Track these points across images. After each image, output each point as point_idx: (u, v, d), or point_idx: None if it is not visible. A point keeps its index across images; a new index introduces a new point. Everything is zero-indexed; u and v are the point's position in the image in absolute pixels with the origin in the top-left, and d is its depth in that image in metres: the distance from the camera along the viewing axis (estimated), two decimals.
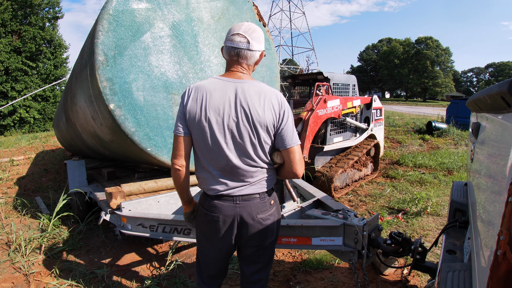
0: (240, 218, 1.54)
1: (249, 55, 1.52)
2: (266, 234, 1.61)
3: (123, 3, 2.68)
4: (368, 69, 68.90)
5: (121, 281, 2.80)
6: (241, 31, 1.49)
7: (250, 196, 1.54)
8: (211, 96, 1.47)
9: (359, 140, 6.02)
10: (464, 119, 11.50)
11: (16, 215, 4.43)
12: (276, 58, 3.93)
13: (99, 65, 2.59)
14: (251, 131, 1.48)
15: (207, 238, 1.62)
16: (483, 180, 1.18)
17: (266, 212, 1.59)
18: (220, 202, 1.54)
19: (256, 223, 1.56)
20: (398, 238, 2.14)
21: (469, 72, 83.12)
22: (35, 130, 17.96)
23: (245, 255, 1.67)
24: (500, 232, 0.64)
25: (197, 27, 3.13)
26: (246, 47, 1.50)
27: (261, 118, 1.47)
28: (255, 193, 1.55)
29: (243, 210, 1.54)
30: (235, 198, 1.53)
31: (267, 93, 1.51)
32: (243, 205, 1.53)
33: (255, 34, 1.52)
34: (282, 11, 41.90)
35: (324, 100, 4.97)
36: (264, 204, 1.58)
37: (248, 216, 1.54)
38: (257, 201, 1.56)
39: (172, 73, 2.96)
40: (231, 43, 1.50)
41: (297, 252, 3.30)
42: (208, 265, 1.70)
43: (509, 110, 0.91)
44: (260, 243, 1.61)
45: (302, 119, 4.79)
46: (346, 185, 5.48)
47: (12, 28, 17.13)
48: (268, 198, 1.60)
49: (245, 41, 1.49)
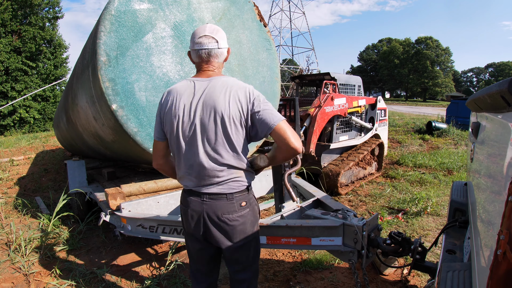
0: (206, 215, 1.56)
1: (219, 53, 1.58)
2: (234, 235, 1.59)
3: (125, 4, 2.69)
4: (368, 69, 68.89)
5: (121, 281, 2.80)
6: (207, 33, 1.55)
7: (217, 196, 1.55)
8: (180, 98, 1.53)
9: (364, 139, 6.15)
10: (464, 119, 11.51)
11: (16, 215, 4.44)
12: (277, 58, 3.93)
13: (101, 65, 2.59)
14: (217, 127, 1.48)
15: (185, 230, 1.70)
16: (483, 179, 1.18)
17: (234, 213, 1.57)
18: (190, 197, 1.60)
19: (222, 223, 1.56)
20: (398, 238, 2.15)
21: (469, 72, 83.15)
22: (35, 130, 17.96)
23: (224, 254, 1.70)
24: (500, 232, 0.64)
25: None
26: (216, 46, 1.56)
27: (226, 112, 1.46)
28: (221, 193, 1.55)
29: (209, 208, 1.55)
30: (202, 195, 1.56)
31: (233, 86, 1.51)
32: (209, 203, 1.55)
33: (220, 34, 1.59)
34: (282, 11, 41.90)
35: (332, 97, 5.10)
36: (231, 204, 1.56)
37: (214, 214, 1.55)
38: (223, 201, 1.55)
39: (174, 73, 2.97)
40: (200, 46, 1.55)
41: (297, 252, 3.30)
42: (192, 257, 1.76)
43: (509, 109, 0.91)
44: (229, 243, 1.60)
45: (310, 115, 4.92)
46: (351, 182, 5.65)
47: (12, 28, 17.12)
48: (238, 199, 1.58)
49: (214, 41, 1.56)
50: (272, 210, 4.36)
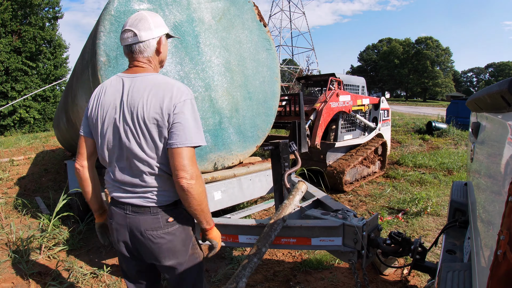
0: (130, 230, 1.41)
1: (142, 48, 1.38)
2: (161, 253, 1.42)
3: (124, 4, 2.69)
4: (368, 69, 68.88)
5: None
6: (127, 26, 1.38)
7: (139, 208, 1.38)
8: (104, 94, 1.40)
9: (368, 138, 6.29)
10: (464, 119, 11.51)
11: (16, 215, 4.44)
12: (277, 58, 3.94)
13: (101, 65, 2.59)
14: (136, 130, 1.31)
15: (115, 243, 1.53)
16: (483, 180, 1.18)
17: (159, 230, 1.38)
18: (114, 208, 1.45)
19: (146, 240, 1.39)
20: (398, 238, 2.14)
21: (469, 72, 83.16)
22: (35, 130, 17.96)
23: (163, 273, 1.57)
24: (500, 232, 0.64)
25: (198, 27, 3.14)
26: (135, 40, 1.36)
27: (145, 114, 1.29)
28: (144, 206, 1.38)
29: (132, 222, 1.40)
30: (126, 207, 1.41)
31: (160, 85, 1.33)
32: (132, 217, 1.39)
33: (143, 23, 1.37)
34: (282, 11, 41.90)
35: (337, 94, 5.30)
36: (156, 220, 1.38)
37: (137, 230, 1.39)
38: (147, 216, 1.38)
39: (173, 73, 2.97)
40: (123, 42, 1.40)
41: (297, 252, 3.30)
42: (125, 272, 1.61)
43: (509, 110, 0.91)
44: (159, 261, 1.45)
45: (316, 109, 5.10)
46: (356, 180, 5.81)
47: (12, 28, 17.13)
48: (163, 214, 1.39)
49: (131, 34, 1.37)
50: (272, 210, 4.37)
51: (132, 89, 1.35)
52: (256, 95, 3.67)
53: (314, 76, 6.89)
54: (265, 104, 3.78)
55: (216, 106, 3.28)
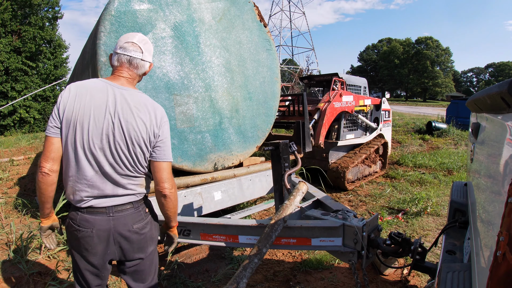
0: (115, 232, 1.48)
1: (141, 65, 1.54)
2: (146, 243, 1.58)
3: (125, 4, 2.69)
4: (368, 69, 68.87)
5: (121, 281, 2.80)
6: (135, 41, 1.52)
7: (123, 206, 1.49)
8: (92, 97, 1.42)
9: (369, 138, 6.41)
10: (464, 119, 11.51)
11: (16, 215, 4.44)
12: (277, 58, 3.94)
13: (101, 66, 2.59)
14: (125, 140, 1.45)
15: (82, 255, 1.52)
16: (483, 180, 1.18)
17: (142, 221, 1.56)
18: (92, 216, 1.45)
19: (133, 234, 1.52)
20: (398, 239, 2.15)
21: (469, 72, 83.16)
22: (35, 130, 17.95)
23: (130, 270, 1.62)
24: (499, 233, 0.65)
25: (198, 28, 3.14)
26: (139, 56, 1.52)
27: (138, 129, 1.46)
28: (127, 203, 1.51)
29: (118, 222, 1.47)
30: (108, 210, 1.46)
31: (147, 105, 1.51)
32: (117, 217, 1.48)
33: (148, 46, 1.56)
34: (282, 11, 41.92)
35: (340, 94, 5.42)
36: (139, 213, 1.54)
37: (124, 228, 1.49)
38: (131, 212, 1.51)
39: (174, 74, 2.97)
40: (123, 51, 1.50)
41: (297, 252, 3.30)
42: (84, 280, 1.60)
43: (509, 111, 0.91)
44: (142, 254, 1.59)
45: (320, 109, 5.22)
46: (357, 179, 5.92)
47: (12, 28, 17.12)
48: (143, 207, 1.58)
49: (139, 50, 1.52)
50: (272, 210, 4.37)
51: (123, 102, 1.45)
52: (256, 95, 3.67)
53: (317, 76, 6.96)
54: (265, 105, 3.78)
55: (216, 107, 3.28)
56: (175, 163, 3.01)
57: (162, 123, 1.54)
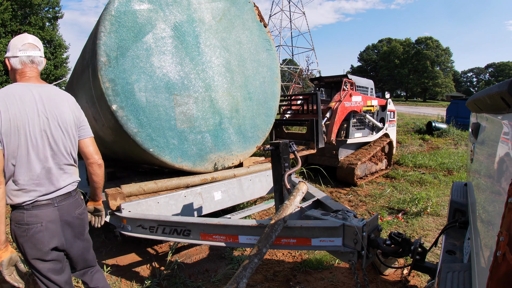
0: (62, 219, 1.64)
1: (41, 61, 1.70)
2: (86, 226, 1.83)
3: (125, 4, 2.69)
4: (368, 69, 68.85)
5: (121, 281, 2.81)
6: (31, 41, 1.66)
7: (65, 195, 1.67)
8: (23, 103, 1.53)
9: (376, 137, 6.73)
10: (464, 119, 11.51)
11: None
12: (277, 58, 3.94)
13: (101, 66, 2.59)
14: (61, 131, 1.64)
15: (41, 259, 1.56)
16: (483, 180, 1.18)
17: (81, 207, 1.78)
18: (39, 210, 1.55)
19: (76, 219, 1.73)
20: (398, 239, 2.15)
21: (469, 72, 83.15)
22: None
23: (75, 255, 1.79)
24: (499, 233, 0.65)
25: (198, 28, 3.14)
26: (39, 54, 1.68)
27: (67, 118, 1.67)
28: (68, 192, 1.69)
29: (62, 211, 1.64)
30: (53, 201, 1.61)
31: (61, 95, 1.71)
32: (61, 206, 1.64)
33: (39, 43, 1.73)
34: (282, 11, 41.92)
35: (350, 94, 5.73)
36: (77, 200, 1.75)
37: (68, 214, 1.67)
38: (72, 199, 1.71)
39: (174, 74, 2.97)
40: (24, 52, 1.61)
41: (297, 252, 3.30)
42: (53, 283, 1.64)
43: (509, 111, 0.91)
44: (83, 235, 1.81)
45: (331, 108, 5.51)
46: (365, 175, 6.23)
47: (12, 28, 17.14)
48: (78, 194, 1.80)
49: (37, 48, 1.68)
50: (272, 211, 4.37)
51: (46, 99, 1.61)
52: (256, 95, 3.67)
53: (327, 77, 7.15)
54: (265, 105, 3.78)
55: (216, 107, 3.28)
56: (175, 163, 3.01)
57: (77, 106, 1.79)
